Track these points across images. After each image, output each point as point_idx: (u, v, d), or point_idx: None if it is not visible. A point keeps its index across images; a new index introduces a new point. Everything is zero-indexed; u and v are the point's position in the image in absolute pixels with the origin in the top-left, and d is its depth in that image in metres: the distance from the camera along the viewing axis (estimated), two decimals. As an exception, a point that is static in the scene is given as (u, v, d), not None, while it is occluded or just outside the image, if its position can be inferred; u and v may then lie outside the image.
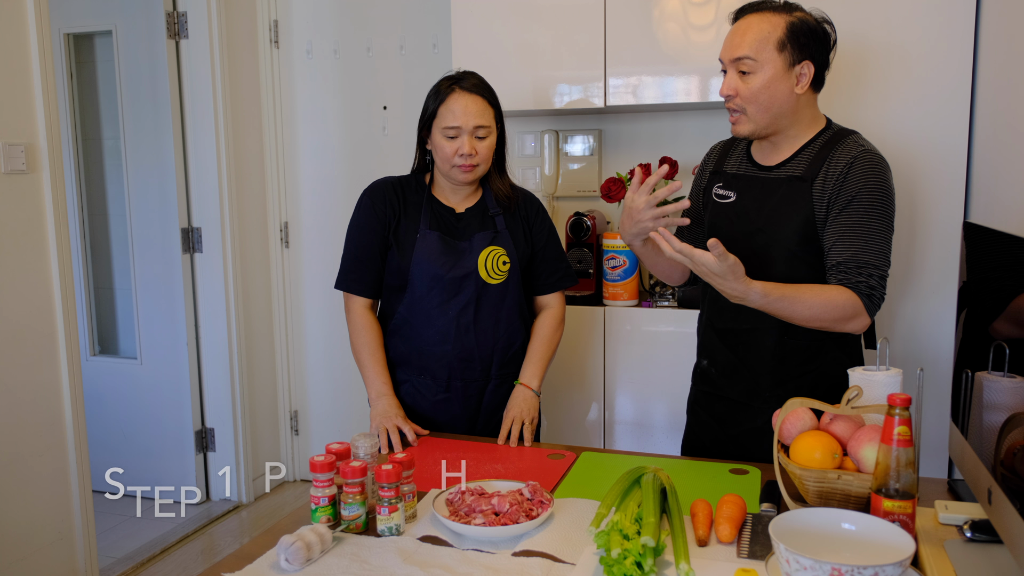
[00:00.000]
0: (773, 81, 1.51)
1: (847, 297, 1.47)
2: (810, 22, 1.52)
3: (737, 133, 1.59)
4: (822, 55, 1.54)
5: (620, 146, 2.84)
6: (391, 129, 3.28)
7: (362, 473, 1.28)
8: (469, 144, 1.74)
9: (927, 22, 2.18)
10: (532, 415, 1.79)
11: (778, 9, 1.53)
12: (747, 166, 1.66)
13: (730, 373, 1.68)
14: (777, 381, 1.62)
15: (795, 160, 1.58)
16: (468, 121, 1.73)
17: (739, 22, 1.55)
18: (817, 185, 1.53)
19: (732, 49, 1.53)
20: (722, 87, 1.56)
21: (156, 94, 3.17)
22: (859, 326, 1.50)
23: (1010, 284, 1.17)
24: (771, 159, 1.62)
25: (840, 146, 1.54)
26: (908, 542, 1.02)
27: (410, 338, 1.84)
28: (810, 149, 1.57)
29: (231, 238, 3.22)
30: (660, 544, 1.11)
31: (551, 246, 1.92)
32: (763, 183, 1.60)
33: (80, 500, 2.46)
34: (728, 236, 1.62)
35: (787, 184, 1.57)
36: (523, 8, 2.58)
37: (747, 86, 1.52)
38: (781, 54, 1.50)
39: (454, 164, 1.76)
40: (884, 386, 1.34)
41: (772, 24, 1.51)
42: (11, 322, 2.27)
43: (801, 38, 1.51)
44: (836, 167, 1.52)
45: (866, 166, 1.51)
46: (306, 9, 3.32)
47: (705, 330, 1.74)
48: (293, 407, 3.59)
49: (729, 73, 1.55)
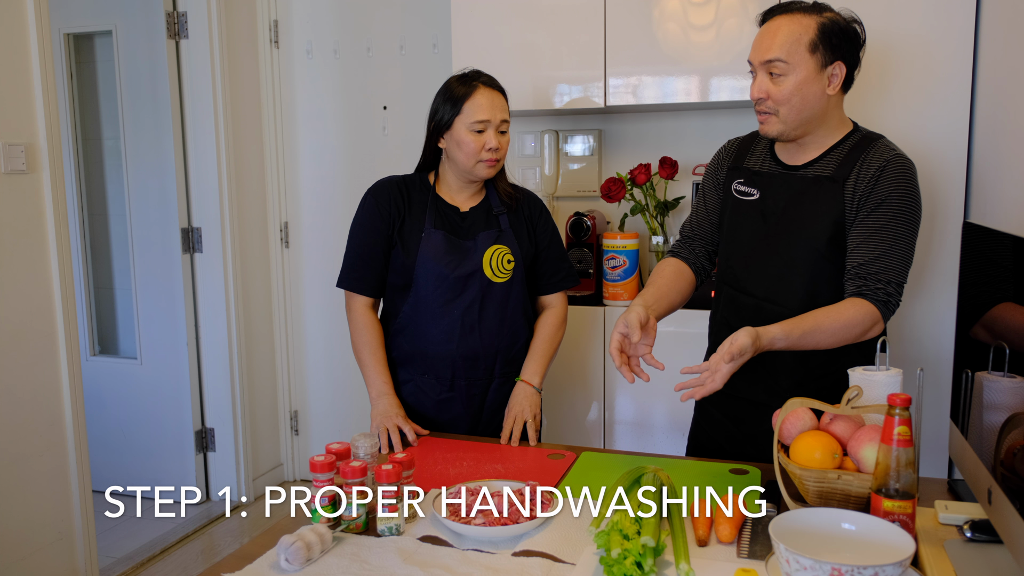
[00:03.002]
0: (805, 83, 1.50)
1: (865, 311, 1.47)
2: (840, 22, 1.51)
3: (766, 133, 1.57)
4: (853, 55, 1.53)
5: (620, 146, 2.84)
6: (391, 129, 3.28)
7: (362, 473, 1.28)
8: (496, 138, 1.75)
9: (927, 21, 2.18)
10: (534, 412, 1.78)
11: (808, 10, 1.52)
12: (771, 164, 1.64)
13: (747, 374, 1.67)
14: (797, 382, 1.61)
15: (823, 160, 1.57)
16: (496, 115, 1.75)
17: (768, 23, 1.53)
18: (848, 186, 1.52)
19: (763, 51, 1.51)
20: (753, 89, 1.54)
21: (156, 94, 3.17)
22: (875, 333, 1.50)
23: (1010, 284, 1.17)
24: (797, 159, 1.60)
25: (872, 149, 1.53)
26: (908, 542, 1.02)
27: (414, 337, 1.84)
28: (839, 150, 1.56)
29: (231, 238, 3.22)
30: (660, 544, 1.11)
31: (554, 246, 1.93)
32: (789, 181, 1.58)
33: (80, 500, 2.46)
34: (749, 233, 1.62)
35: (817, 184, 1.55)
36: (523, 8, 2.58)
37: (779, 88, 1.51)
38: (813, 55, 1.49)
39: (481, 159, 1.76)
40: (884, 386, 1.34)
41: (803, 25, 1.49)
42: (11, 322, 2.27)
43: (833, 39, 1.49)
44: (868, 169, 1.51)
45: (898, 170, 1.50)
46: (306, 9, 3.33)
47: (720, 329, 1.72)
48: (293, 407, 3.59)
49: (759, 75, 1.53)
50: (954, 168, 2.20)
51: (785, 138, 1.57)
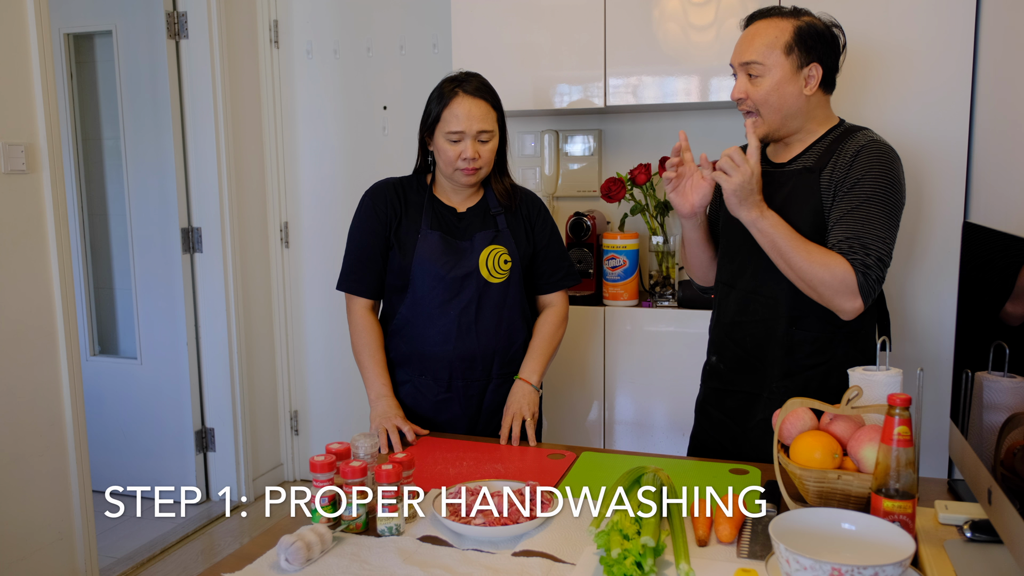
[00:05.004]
0: (781, 83, 1.55)
1: (845, 269, 1.46)
2: (818, 26, 1.56)
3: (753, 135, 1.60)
4: (830, 57, 1.57)
5: (620, 146, 2.84)
6: (391, 129, 3.28)
7: (362, 473, 1.28)
8: (472, 148, 1.74)
9: (927, 22, 2.18)
10: (532, 410, 1.78)
11: (787, 15, 1.57)
12: (763, 165, 1.68)
13: (739, 367, 1.70)
14: (785, 372, 1.63)
15: (805, 155, 1.61)
16: (471, 126, 1.73)
17: (749, 28, 1.60)
18: (825, 175, 1.56)
19: (741, 53, 1.58)
20: (733, 90, 1.61)
21: (156, 94, 3.17)
22: (850, 307, 1.47)
23: (1010, 284, 1.17)
24: (783, 156, 1.65)
25: (850, 139, 1.57)
26: (908, 542, 1.02)
27: (411, 338, 1.84)
28: (821, 144, 1.60)
29: (231, 238, 3.22)
30: (660, 544, 1.11)
31: (554, 245, 1.92)
32: (773, 178, 1.62)
33: (80, 500, 2.46)
34: (735, 229, 1.65)
35: (797, 176, 1.59)
36: (523, 8, 2.58)
37: (756, 89, 1.57)
38: (788, 57, 1.54)
39: (457, 168, 1.76)
40: (884, 386, 1.34)
41: (780, 29, 1.55)
42: (11, 322, 2.27)
43: (808, 41, 1.54)
44: (845, 156, 1.54)
45: (872, 153, 1.51)
46: (306, 9, 3.33)
47: (714, 327, 1.77)
48: (293, 407, 3.59)
49: (739, 77, 1.59)
50: (954, 168, 2.20)
51: (772, 138, 1.63)
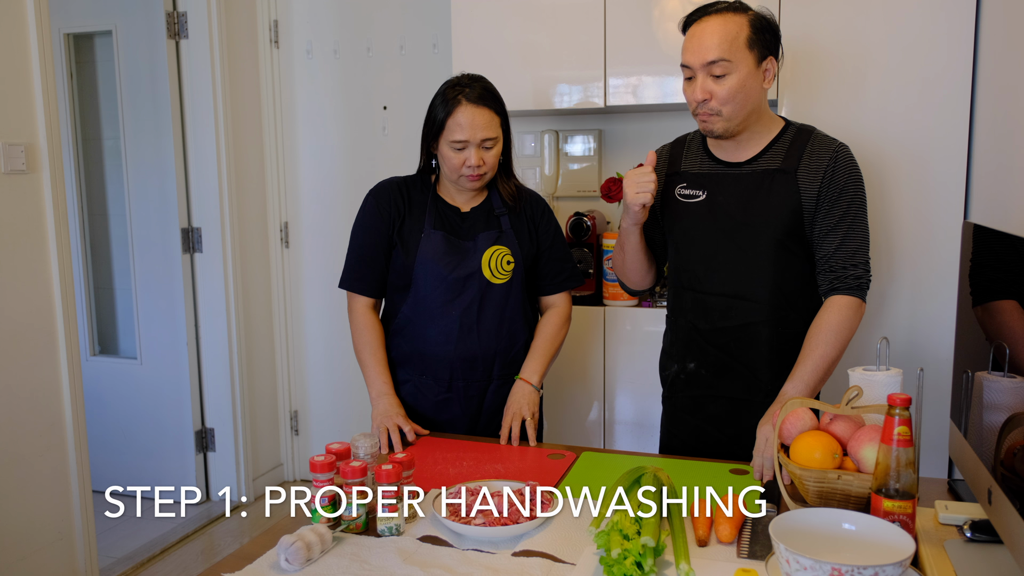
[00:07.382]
0: (747, 79, 1.53)
1: (847, 307, 1.55)
2: (765, 17, 1.56)
3: (709, 132, 1.60)
4: (777, 50, 1.58)
5: (620, 146, 2.84)
6: (391, 129, 3.28)
7: (362, 473, 1.28)
8: (477, 156, 1.73)
9: (927, 22, 2.18)
10: (532, 410, 1.78)
11: (736, 9, 1.54)
12: (711, 163, 1.67)
13: (724, 372, 1.68)
14: (775, 373, 1.63)
15: (768, 155, 1.61)
16: (475, 135, 1.72)
17: (698, 25, 1.54)
18: (801, 176, 1.57)
19: (703, 52, 1.52)
20: (695, 92, 1.54)
21: (156, 94, 3.17)
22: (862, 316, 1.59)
23: (1010, 284, 1.17)
24: (738, 156, 1.64)
25: (812, 141, 1.60)
26: (908, 542, 1.02)
27: (413, 338, 1.84)
28: (780, 144, 1.61)
29: (231, 238, 3.22)
30: (660, 544, 1.11)
31: (557, 246, 1.92)
32: (737, 179, 1.62)
33: (80, 500, 2.46)
34: (703, 233, 1.64)
35: (769, 177, 1.59)
36: (523, 8, 2.58)
37: (722, 88, 1.52)
38: (751, 52, 1.52)
39: (462, 174, 1.76)
40: (884, 386, 1.34)
41: (737, 24, 1.51)
42: (11, 322, 2.27)
43: (765, 34, 1.54)
44: (819, 160, 1.57)
45: (847, 160, 1.58)
46: (306, 9, 3.33)
47: (688, 333, 1.72)
48: (293, 407, 3.59)
49: (699, 77, 1.54)
50: (954, 168, 2.20)
51: (728, 135, 1.59)
